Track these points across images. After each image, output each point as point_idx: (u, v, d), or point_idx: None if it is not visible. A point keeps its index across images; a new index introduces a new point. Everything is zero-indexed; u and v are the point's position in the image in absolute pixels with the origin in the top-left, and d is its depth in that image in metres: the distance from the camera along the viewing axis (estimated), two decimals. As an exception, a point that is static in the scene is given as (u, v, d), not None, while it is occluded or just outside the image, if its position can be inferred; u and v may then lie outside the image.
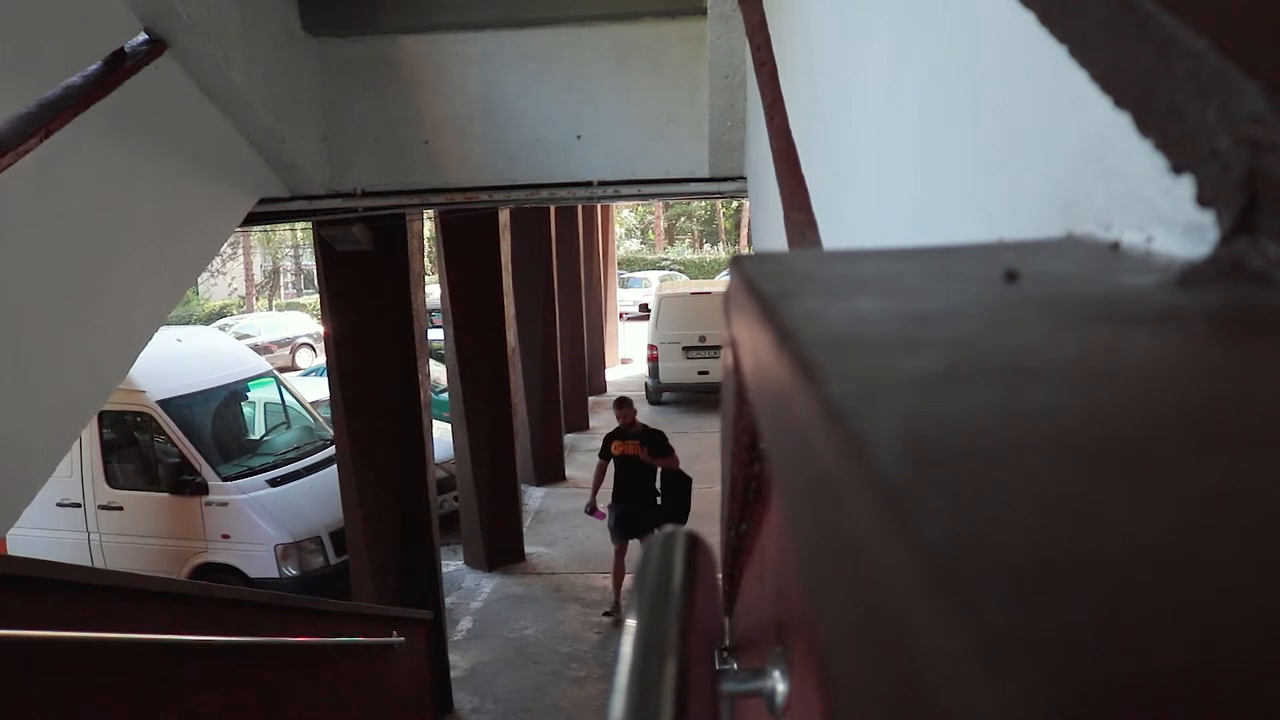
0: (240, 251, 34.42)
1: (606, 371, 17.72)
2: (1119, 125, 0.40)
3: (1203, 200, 0.34)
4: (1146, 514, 0.18)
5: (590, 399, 15.29)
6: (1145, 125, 0.38)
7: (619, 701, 0.52)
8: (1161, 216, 0.38)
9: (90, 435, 8.31)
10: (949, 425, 0.24)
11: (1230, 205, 0.32)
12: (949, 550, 0.17)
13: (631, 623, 0.62)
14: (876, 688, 0.18)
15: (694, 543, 0.75)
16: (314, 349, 22.59)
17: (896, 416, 0.24)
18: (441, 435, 9.03)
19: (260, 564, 8.25)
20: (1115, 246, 0.43)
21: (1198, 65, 0.34)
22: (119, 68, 3.90)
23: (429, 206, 6.55)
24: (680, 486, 8.11)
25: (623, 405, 8.35)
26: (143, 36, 4.11)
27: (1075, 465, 0.21)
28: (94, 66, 3.81)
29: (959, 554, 0.17)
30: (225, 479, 8.41)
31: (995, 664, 0.14)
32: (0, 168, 3.18)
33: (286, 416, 9.75)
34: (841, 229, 1.58)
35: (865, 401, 0.25)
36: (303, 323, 25.63)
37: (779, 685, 0.80)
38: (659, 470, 8.11)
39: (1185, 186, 0.36)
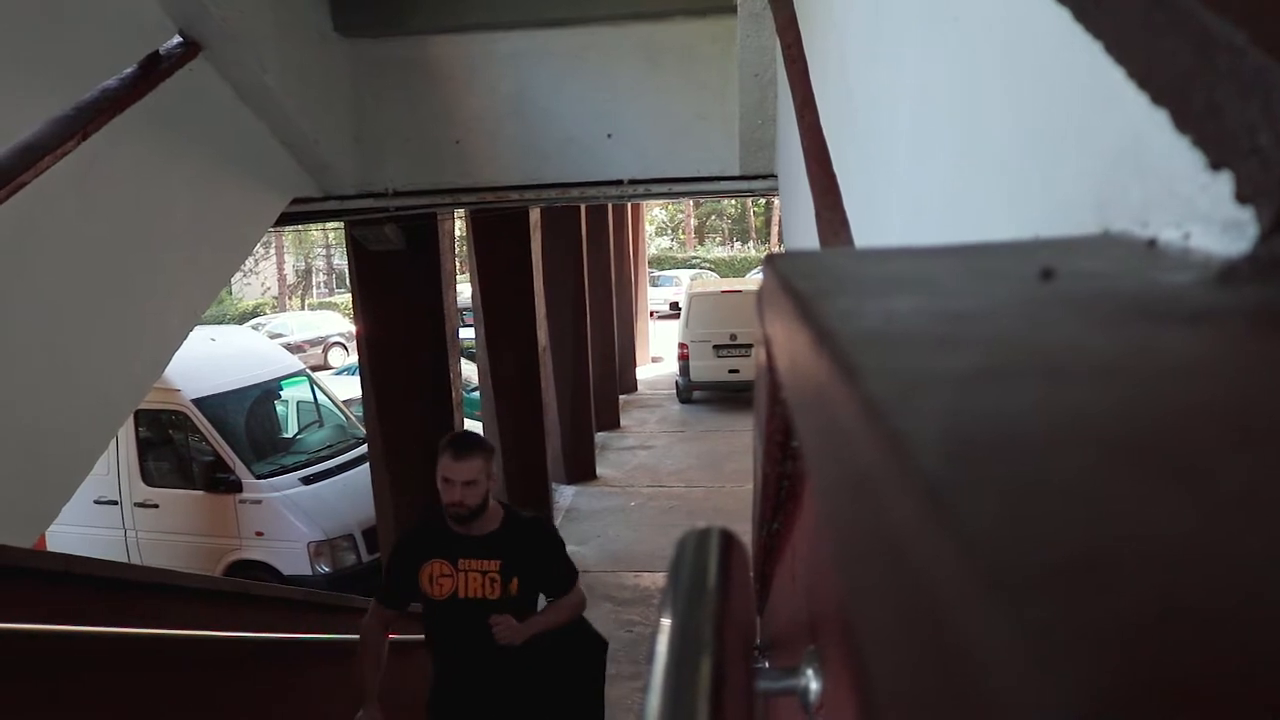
0: (273, 252, 34.76)
1: (637, 370, 17.71)
2: (1156, 121, 0.40)
3: (1242, 197, 0.34)
4: (1186, 508, 0.18)
5: (621, 397, 15.29)
6: (1183, 122, 0.38)
7: (655, 700, 0.52)
8: (1199, 213, 0.38)
9: (126, 434, 8.41)
10: (988, 422, 0.24)
11: (1270, 202, 0.32)
12: (994, 542, 0.17)
13: (666, 621, 0.62)
14: (918, 683, 0.19)
15: (728, 541, 0.75)
16: (346, 348, 22.75)
17: (936, 413, 0.24)
18: (472, 434, 9.04)
19: (293, 561, 8.32)
20: (1152, 244, 0.42)
21: (1238, 61, 0.33)
22: (154, 70, 3.94)
23: (460, 206, 6.57)
24: (588, 660, 4.04)
25: (461, 450, 3.47)
26: (177, 39, 4.15)
27: (1115, 462, 0.21)
28: (129, 69, 3.85)
29: (1004, 546, 0.17)
30: (259, 477, 8.49)
31: (1043, 657, 0.14)
32: (38, 170, 3.23)
33: (319, 415, 9.82)
34: (874, 227, 1.57)
35: (905, 399, 0.25)
36: (335, 322, 25.81)
37: (812, 683, 0.80)
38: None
39: (1224, 183, 0.35)
